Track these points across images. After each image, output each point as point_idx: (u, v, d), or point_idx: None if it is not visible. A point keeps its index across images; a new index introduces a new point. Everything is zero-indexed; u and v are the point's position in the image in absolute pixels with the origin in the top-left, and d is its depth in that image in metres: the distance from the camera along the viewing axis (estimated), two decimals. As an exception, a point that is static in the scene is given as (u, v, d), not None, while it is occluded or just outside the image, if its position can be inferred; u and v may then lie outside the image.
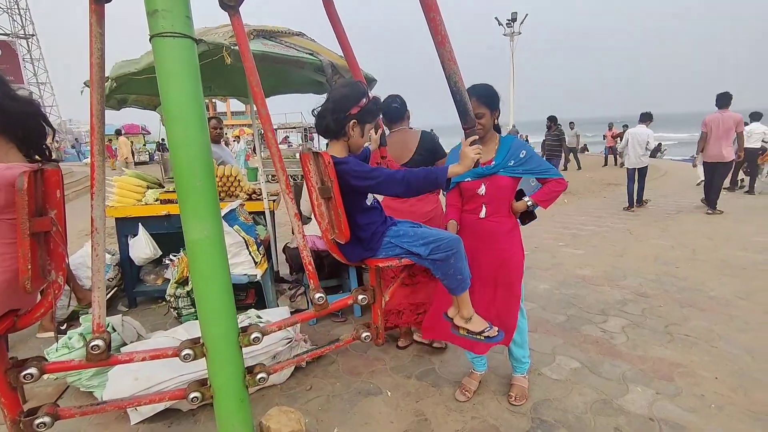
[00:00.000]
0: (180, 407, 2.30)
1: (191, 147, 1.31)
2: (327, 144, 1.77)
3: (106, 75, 3.08)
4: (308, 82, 3.98)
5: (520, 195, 2.21)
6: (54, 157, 1.47)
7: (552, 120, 11.69)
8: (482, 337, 1.92)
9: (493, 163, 2.10)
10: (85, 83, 1.60)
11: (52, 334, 3.25)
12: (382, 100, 1.75)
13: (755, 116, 8.41)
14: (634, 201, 7.58)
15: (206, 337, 1.43)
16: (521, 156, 2.09)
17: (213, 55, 2.48)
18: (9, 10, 44.23)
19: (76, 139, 31.57)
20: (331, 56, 3.03)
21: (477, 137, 1.56)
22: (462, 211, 2.25)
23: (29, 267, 1.21)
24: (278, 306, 3.43)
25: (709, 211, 6.90)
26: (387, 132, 2.72)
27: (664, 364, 2.63)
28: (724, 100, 6.55)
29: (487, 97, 2.05)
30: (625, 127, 14.50)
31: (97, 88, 1.27)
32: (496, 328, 1.95)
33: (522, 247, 2.22)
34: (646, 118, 7.48)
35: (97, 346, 1.32)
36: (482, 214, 2.14)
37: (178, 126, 1.29)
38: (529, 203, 2.15)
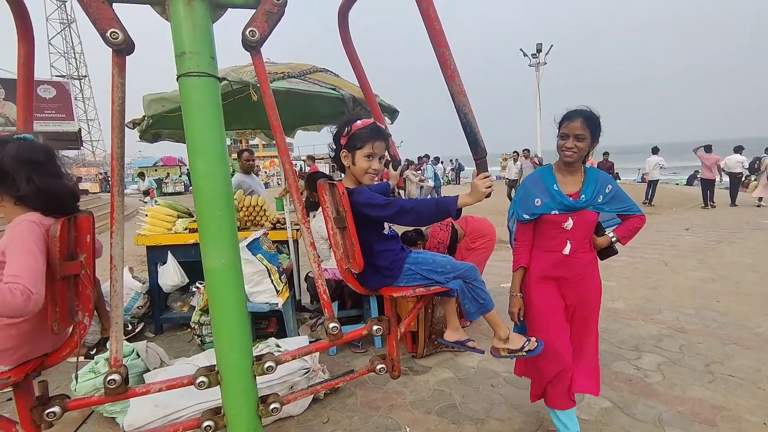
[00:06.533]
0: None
1: (212, 178, 1.37)
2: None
3: (143, 114, 3.30)
4: (332, 115, 4.12)
5: (597, 228, 2.09)
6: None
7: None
8: (524, 353, 1.88)
9: (583, 197, 1.96)
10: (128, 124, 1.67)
11: (82, 357, 3.35)
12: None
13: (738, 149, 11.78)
14: (648, 198, 12.27)
15: (221, 364, 1.44)
16: (607, 191, 1.98)
17: (241, 92, 2.62)
18: (65, 54, 48.47)
19: (117, 171, 33.54)
20: (352, 90, 3.14)
21: (488, 173, 1.50)
22: (536, 247, 2.07)
23: (57, 310, 1.26)
24: (299, 335, 3.42)
25: (705, 206, 11.28)
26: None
27: (705, 407, 2.44)
28: (709, 149, 11.40)
29: (594, 121, 1.91)
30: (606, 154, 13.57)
31: (118, 134, 1.30)
32: (534, 339, 1.90)
33: (600, 281, 2.10)
34: (655, 150, 12.27)
35: (113, 380, 1.33)
36: (566, 251, 1.98)
37: (200, 158, 1.35)
38: (613, 239, 2.04)
